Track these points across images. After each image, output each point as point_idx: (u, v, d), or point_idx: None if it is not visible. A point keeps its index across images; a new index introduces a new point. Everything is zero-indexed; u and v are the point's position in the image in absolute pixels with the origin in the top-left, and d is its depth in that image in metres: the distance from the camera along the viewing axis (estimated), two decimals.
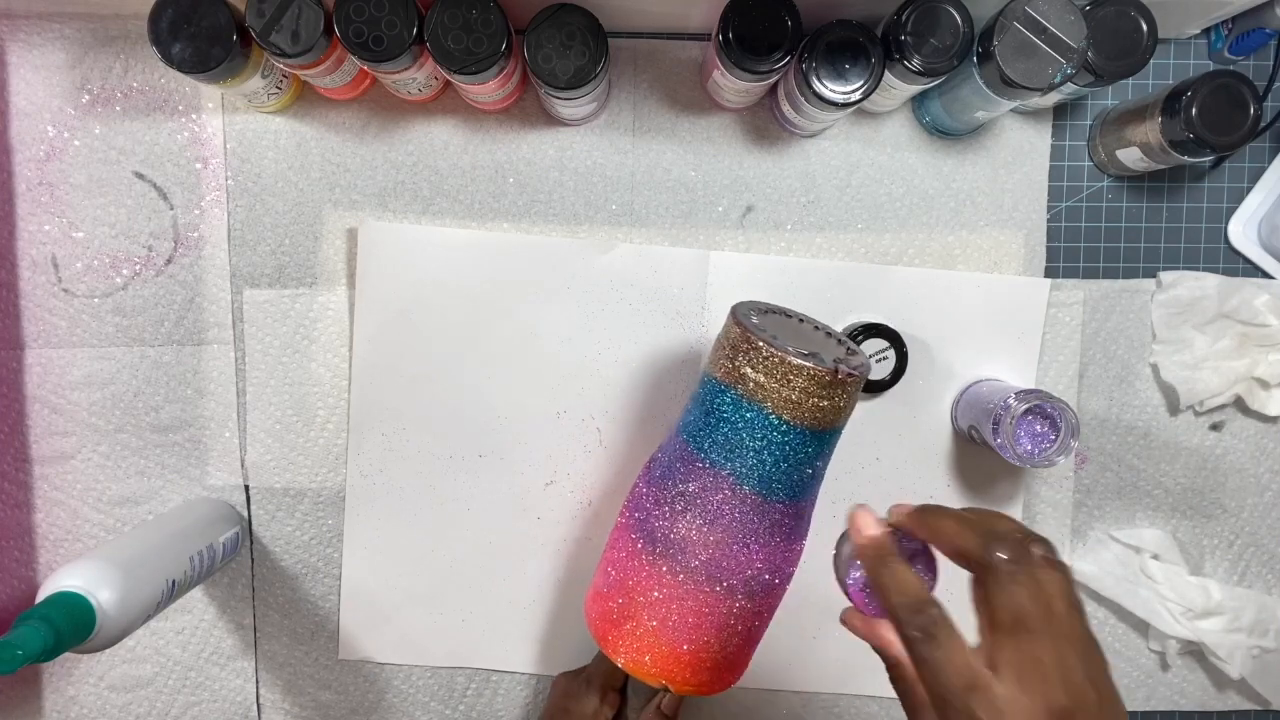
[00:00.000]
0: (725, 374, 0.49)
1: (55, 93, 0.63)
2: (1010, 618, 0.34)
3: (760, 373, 0.47)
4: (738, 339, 0.49)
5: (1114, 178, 0.67)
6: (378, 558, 0.67)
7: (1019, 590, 0.34)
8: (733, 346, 0.49)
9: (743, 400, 0.48)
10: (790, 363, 0.47)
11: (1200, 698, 0.69)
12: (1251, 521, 0.69)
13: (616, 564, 0.52)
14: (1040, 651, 0.33)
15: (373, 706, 0.68)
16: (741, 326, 0.49)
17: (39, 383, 0.65)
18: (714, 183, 0.66)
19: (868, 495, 0.67)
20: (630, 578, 0.51)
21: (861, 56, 0.55)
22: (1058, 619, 0.34)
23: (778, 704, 0.69)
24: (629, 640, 0.50)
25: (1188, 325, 0.66)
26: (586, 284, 0.65)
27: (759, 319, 0.52)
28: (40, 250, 0.64)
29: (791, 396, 0.47)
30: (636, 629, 0.50)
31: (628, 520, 0.52)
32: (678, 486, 0.50)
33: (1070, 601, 0.34)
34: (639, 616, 0.50)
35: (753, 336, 0.48)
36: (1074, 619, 0.34)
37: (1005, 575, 0.34)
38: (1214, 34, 0.65)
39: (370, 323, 0.65)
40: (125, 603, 0.50)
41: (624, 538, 0.52)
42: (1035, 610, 0.34)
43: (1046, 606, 0.34)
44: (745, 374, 0.48)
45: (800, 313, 0.57)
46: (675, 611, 0.49)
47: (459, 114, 0.65)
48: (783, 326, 0.53)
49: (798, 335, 0.53)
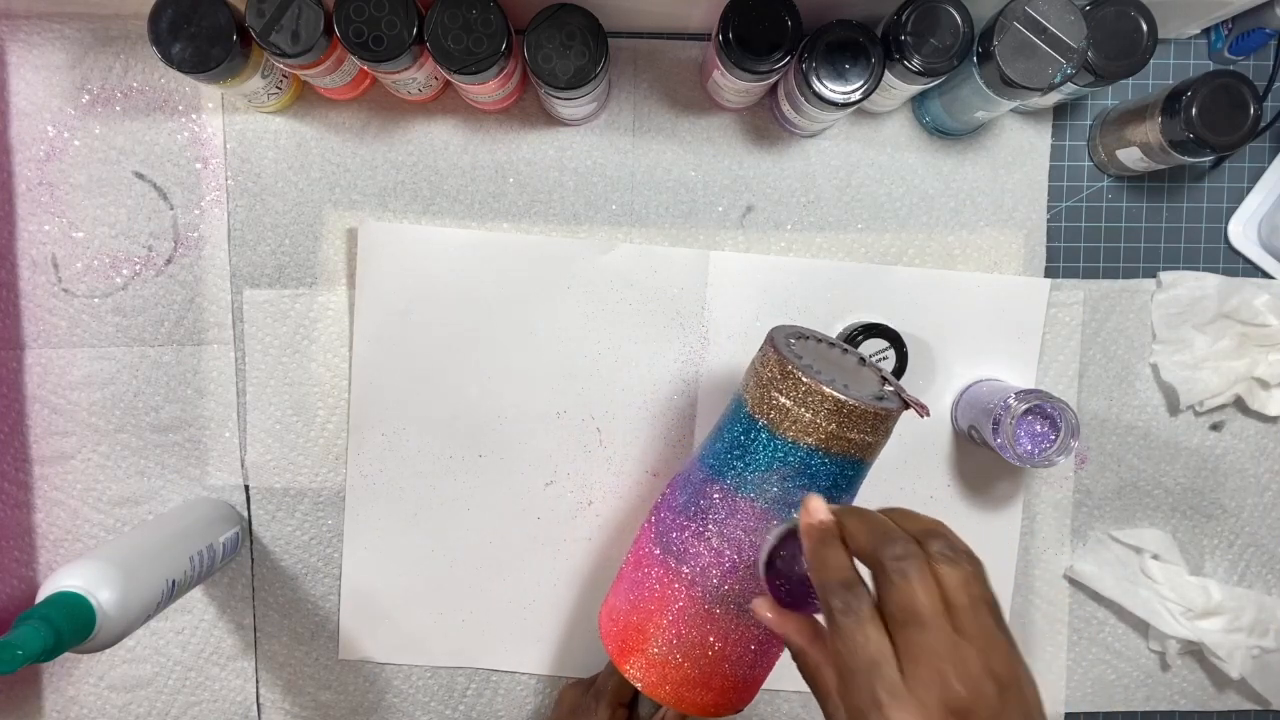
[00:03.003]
0: (757, 401, 0.48)
1: (55, 93, 0.63)
2: (900, 613, 0.35)
3: (795, 403, 0.47)
4: (774, 367, 0.48)
5: (1114, 178, 0.67)
6: (378, 558, 0.67)
7: (906, 586, 0.35)
8: (769, 374, 0.48)
9: (774, 429, 0.47)
10: (827, 395, 0.46)
11: (1200, 698, 0.69)
12: (1251, 521, 0.69)
13: (636, 583, 0.52)
14: (933, 643, 0.34)
15: (373, 706, 0.68)
16: (779, 354, 0.48)
17: (39, 383, 0.65)
18: (714, 183, 0.66)
19: (867, 495, 0.66)
20: (650, 597, 0.50)
21: (861, 56, 0.55)
22: (956, 612, 0.34)
23: (778, 704, 0.69)
24: (645, 659, 0.50)
25: (1188, 325, 0.66)
26: (586, 284, 0.65)
27: (796, 344, 0.51)
28: (40, 250, 0.64)
29: (827, 429, 0.46)
30: (653, 649, 0.49)
31: (650, 539, 0.52)
32: (702, 511, 0.49)
33: (972, 595, 0.35)
34: (657, 636, 0.49)
35: (790, 366, 0.47)
36: (975, 612, 0.35)
37: (892, 571, 0.35)
38: (1214, 34, 0.65)
39: (370, 323, 0.65)
40: (125, 603, 0.50)
41: (645, 556, 0.52)
42: (926, 604, 0.34)
43: (941, 601, 0.35)
44: (779, 403, 0.47)
45: (835, 339, 0.56)
46: (694, 634, 0.48)
47: (459, 114, 0.65)
48: (818, 354, 0.52)
49: (834, 364, 0.52)
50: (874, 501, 0.71)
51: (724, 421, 0.52)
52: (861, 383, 0.50)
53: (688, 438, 0.66)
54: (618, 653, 0.51)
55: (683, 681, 0.49)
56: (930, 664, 0.33)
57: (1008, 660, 0.34)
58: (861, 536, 0.37)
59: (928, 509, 0.66)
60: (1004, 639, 0.35)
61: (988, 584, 0.36)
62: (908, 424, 0.66)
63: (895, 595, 0.35)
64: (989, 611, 0.35)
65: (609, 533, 0.67)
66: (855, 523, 0.38)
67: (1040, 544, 0.68)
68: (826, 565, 0.38)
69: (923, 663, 0.33)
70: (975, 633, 0.34)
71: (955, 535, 0.37)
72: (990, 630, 0.35)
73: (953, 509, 0.67)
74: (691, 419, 0.66)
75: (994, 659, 0.34)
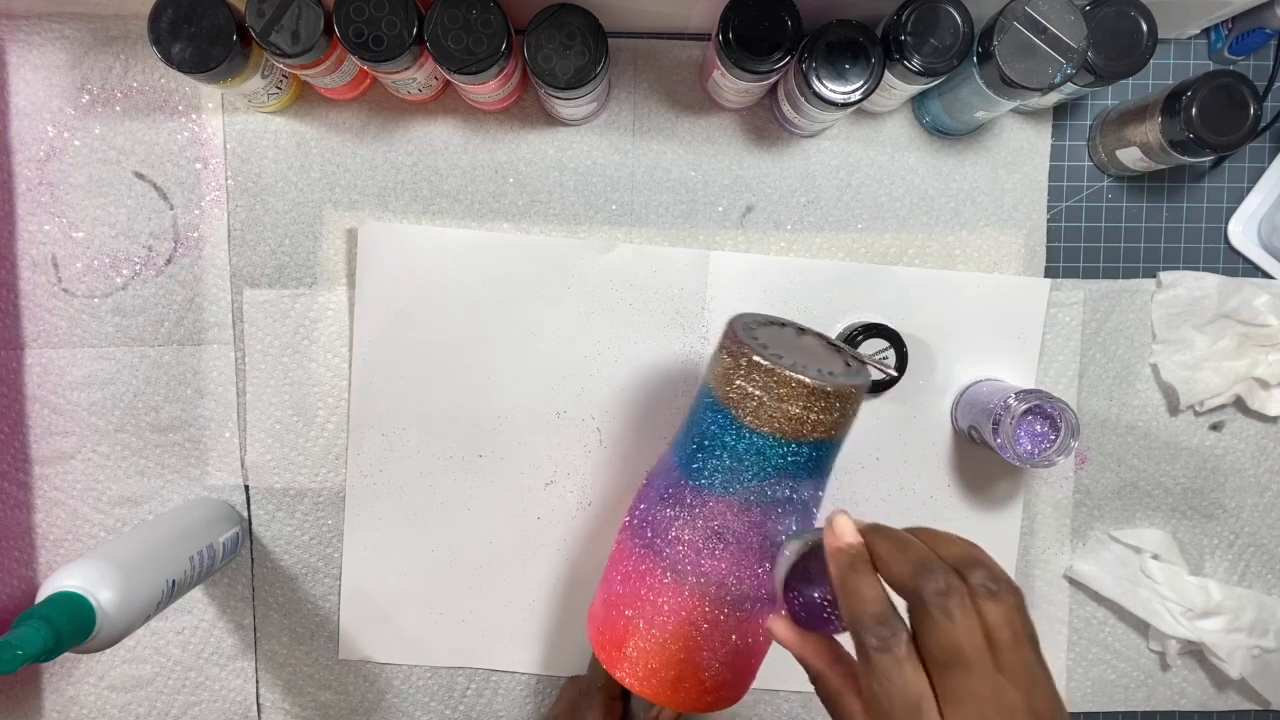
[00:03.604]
0: (721, 388, 0.48)
1: (55, 93, 0.63)
2: (943, 653, 0.33)
3: (755, 387, 0.46)
4: (734, 352, 0.48)
5: (1114, 178, 0.67)
6: (378, 558, 0.67)
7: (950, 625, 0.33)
8: (729, 360, 0.48)
9: (738, 416, 0.47)
10: (784, 376, 0.46)
11: (1200, 698, 0.69)
12: (1251, 521, 0.69)
13: (617, 579, 0.51)
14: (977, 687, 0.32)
15: (373, 706, 0.68)
16: (737, 339, 0.48)
17: (39, 383, 0.65)
18: (714, 183, 0.66)
19: (867, 495, 0.67)
20: (632, 594, 0.50)
21: (861, 56, 0.55)
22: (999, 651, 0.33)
23: (777, 704, 0.69)
24: (628, 657, 0.50)
25: (1188, 325, 0.66)
26: (586, 284, 0.65)
27: (758, 331, 0.51)
28: (40, 250, 0.64)
29: (792, 412, 0.46)
30: (635, 646, 0.49)
31: (628, 535, 0.52)
32: (675, 504, 0.49)
33: (1014, 631, 0.33)
34: (637, 635, 0.49)
35: (748, 349, 0.47)
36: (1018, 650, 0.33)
37: (935, 609, 0.33)
38: (1214, 34, 0.65)
39: (370, 323, 0.65)
40: (125, 603, 0.50)
41: (624, 553, 0.52)
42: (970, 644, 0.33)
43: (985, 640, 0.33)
44: (741, 388, 0.47)
45: (800, 324, 0.56)
46: (674, 630, 0.48)
47: (459, 114, 0.65)
48: (782, 339, 0.52)
49: (797, 348, 0.51)
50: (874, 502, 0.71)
51: (691, 413, 0.51)
52: (825, 362, 0.49)
53: None
54: (602, 651, 0.51)
55: (668, 678, 0.49)
56: (975, 708, 0.32)
57: (1049, 699, 0.33)
58: (897, 565, 0.35)
59: (928, 509, 0.67)
60: (1045, 676, 0.34)
61: (1028, 616, 0.34)
62: (908, 424, 0.67)
63: (938, 635, 0.33)
64: (1030, 647, 0.34)
65: (609, 533, 0.67)
66: (888, 548, 0.36)
67: (1040, 544, 0.68)
68: (859, 596, 0.35)
69: (967, 706, 0.32)
70: (1019, 671, 0.33)
71: (995, 563, 0.35)
72: (1033, 667, 0.33)
73: (953, 509, 0.67)
74: None
75: (1036, 698, 0.33)
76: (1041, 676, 0.33)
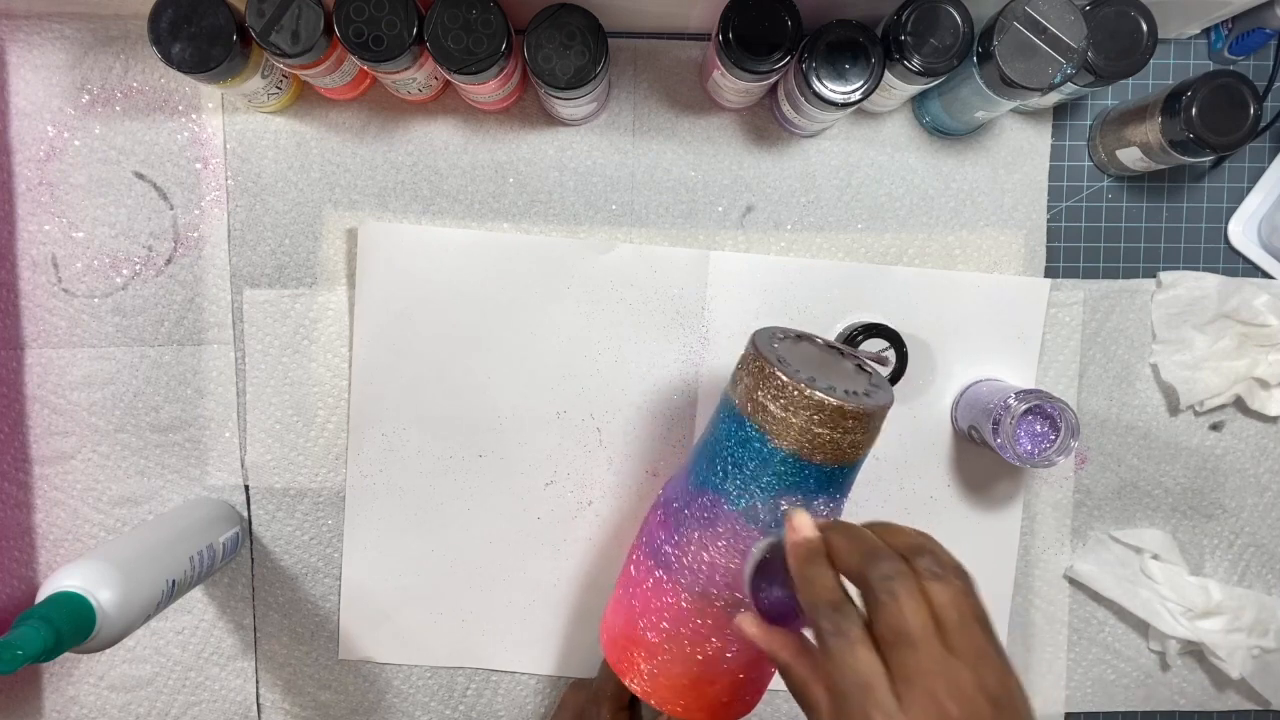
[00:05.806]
0: (742, 404, 0.48)
1: (55, 93, 0.63)
2: (891, 634, 0.34)
3: (779, 406, 0.46)
4: (756, 369, 0.47)
5: (1114, 178, 0.67)
6: (378, 558, 0.67)
7: (896, 606, 0.34)
8: (751, 376, 0.47)
9: (760, 433, 0.46)
10: (811, 397, 0.45)
11: (1200, 698, 0.69)
12: (1251, 521, 0.69)
13: (631, 592, 0.51)
14: (925, 665, 0.33)
15: (373, 706, 0.68)
16: (761, 356, 0.47)
17: (39, 383, 0.65)
18: (714, 183, 0.66)
19: (867, 495, 0.67)
20: (645, 606, 0.50)
21: (861, 56, 0.55)
22: (947, 631, 0.34)
23: (777, 704, 0.69)
24: (642, 668, 0.49)
25: (1188, 325, 0.66)
26: (586, 284, 0.65)
27: (781, 345, 0.50)
28: (40, 250, 0.64)
29: (813, 431, 0.45)
30: (649, 657, 0.49)
31: (643, 547, 0.52)
32: (692, 518, 0.49)
33: (962, 612, 0.35)
34: (652, 646, 0.49)
35: (771, 367, 0.46)
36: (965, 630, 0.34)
37: (881, 592, 0.35)
38: (1214, 34, 0.65)
39: (370, 323, 0.65)
40: (125, 603, 0.50)
41: (640, 564, 0.51)
42: (916, 624, 0.34)
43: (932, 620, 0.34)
44: (764, 407, 0.46)
45: (825, 339, 0.55)
46: (689, 642, 0.48)
47: (459, 114, 0.65)
48: (805, 355, 0.51)
49: (821, 364, 0.51)
50: (874, 502, 0.71)
51: (711, 427, 0.51)
52: (847, 380, 0.49)
53: (688, 438, 0.66)
54: (616, 661, 0.51)
55: (680, 689, 0.49)
56: (923, 685, 0.33)
57: (1000, 676, 0.34)
58: (847, 555, 0.37)
59: (928, 509, 0.67)
60: (995, 654, 0.35)
61: (978, 598, 0.36)
62: (908, 424, 0.67)
63: (884, 616, 0.35)
64: (980, 627, 0.35)
65: (609, 533, 0.67)
66: (841, 540, 0.38)
67: (1040, 544, 0.68)
68: (814, 585, 0.37)
69: (915, 684, 0.33)
70: (967, 650, 0.34)
71: (943, 549, 0.37)
72: (982, 646, 0.34)
73: (953, 509, 0.67)
74: (691, 419, 0.66)
75: (987, 676, 0.34)
76: (991, 655, 0.34)
